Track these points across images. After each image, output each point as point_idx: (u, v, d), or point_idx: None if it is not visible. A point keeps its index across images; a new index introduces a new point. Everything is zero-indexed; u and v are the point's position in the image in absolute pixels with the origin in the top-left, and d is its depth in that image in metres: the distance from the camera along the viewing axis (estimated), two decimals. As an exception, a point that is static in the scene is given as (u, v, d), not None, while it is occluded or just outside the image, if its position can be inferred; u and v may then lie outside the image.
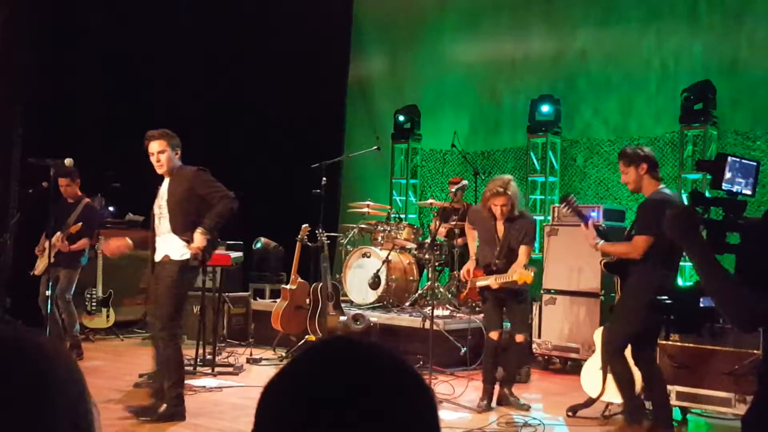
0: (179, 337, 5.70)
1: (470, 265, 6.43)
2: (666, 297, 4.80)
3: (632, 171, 5.33)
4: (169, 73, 10.17)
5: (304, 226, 8.27)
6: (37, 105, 9.19)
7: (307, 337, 8.03)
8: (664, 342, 5.99)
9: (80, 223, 7.82)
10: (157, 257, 5.62)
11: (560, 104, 9.96)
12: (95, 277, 9.00)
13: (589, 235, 5.49)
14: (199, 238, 5.41)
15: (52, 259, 6.71)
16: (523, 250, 6.22)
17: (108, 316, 9.13)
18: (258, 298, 9.64)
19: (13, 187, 8.88)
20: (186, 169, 5.63)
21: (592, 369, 6.02)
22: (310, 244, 8.42)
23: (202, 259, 5.52)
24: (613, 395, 5.93)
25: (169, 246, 5.55)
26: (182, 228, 5.49)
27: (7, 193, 8.90)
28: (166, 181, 5.66)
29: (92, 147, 9.14)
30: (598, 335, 6.12)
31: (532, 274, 5.98)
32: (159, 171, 5.62)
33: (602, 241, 5.47)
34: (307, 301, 8.19)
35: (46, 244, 7.04)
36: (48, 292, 6.87)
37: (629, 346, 5.45)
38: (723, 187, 2.59)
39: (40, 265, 7.83)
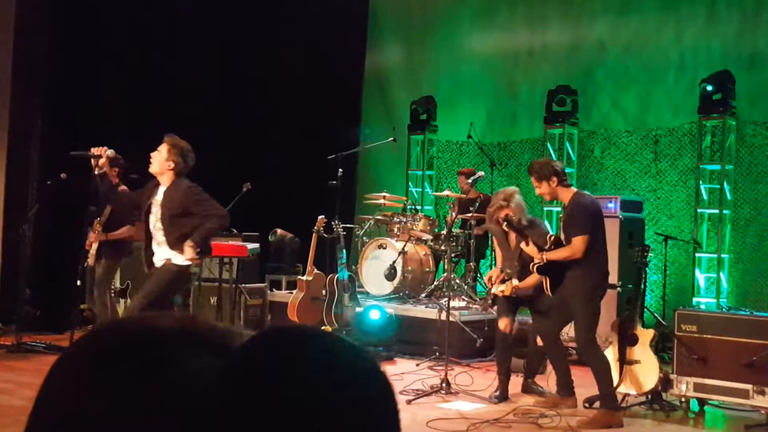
0: None
1: (493, 272, 6.49)
2: None
3: (545, 185, 5.79)
4: (186, 69, 10.17)
5: (320, 217, 8.28)
6: (55, 97, 9.23)
7: (323, 328, 8.06)
8: (681, 334, 5.97)
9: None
10: (158, 262, 5.77)
11: (578, 95, 9.90)
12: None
13: (533, 251, 5.80)
14: (189, 252, 5.62)
15: (93, 253, 6.90)
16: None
17: (126, 307, 9.18)
18: (274, 290, 9.66)
19: (32, 179, 8.94)
20: (180, 185, 5.73)
21: (609, 360, 6.00)
22: (326, 235, 8.44)
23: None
24: (630, 386, 5.93)
25: (169, 254, 5.72)
26: (175, 242, 5.68)
27: (26, 184, 8.95)
28: (161, 191, 5.77)
29: (108, 140, 9.15)
30: (613, 328, 6.12)
31: (512, 284, 6.09)
32: (150, 167, 5.77)
33: (545, 253, 5.73)
34: (324, 292, 8.22)
35: (92, 236, 7.20)
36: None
37: (548, 330, 6.01)
38: None
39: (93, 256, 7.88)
